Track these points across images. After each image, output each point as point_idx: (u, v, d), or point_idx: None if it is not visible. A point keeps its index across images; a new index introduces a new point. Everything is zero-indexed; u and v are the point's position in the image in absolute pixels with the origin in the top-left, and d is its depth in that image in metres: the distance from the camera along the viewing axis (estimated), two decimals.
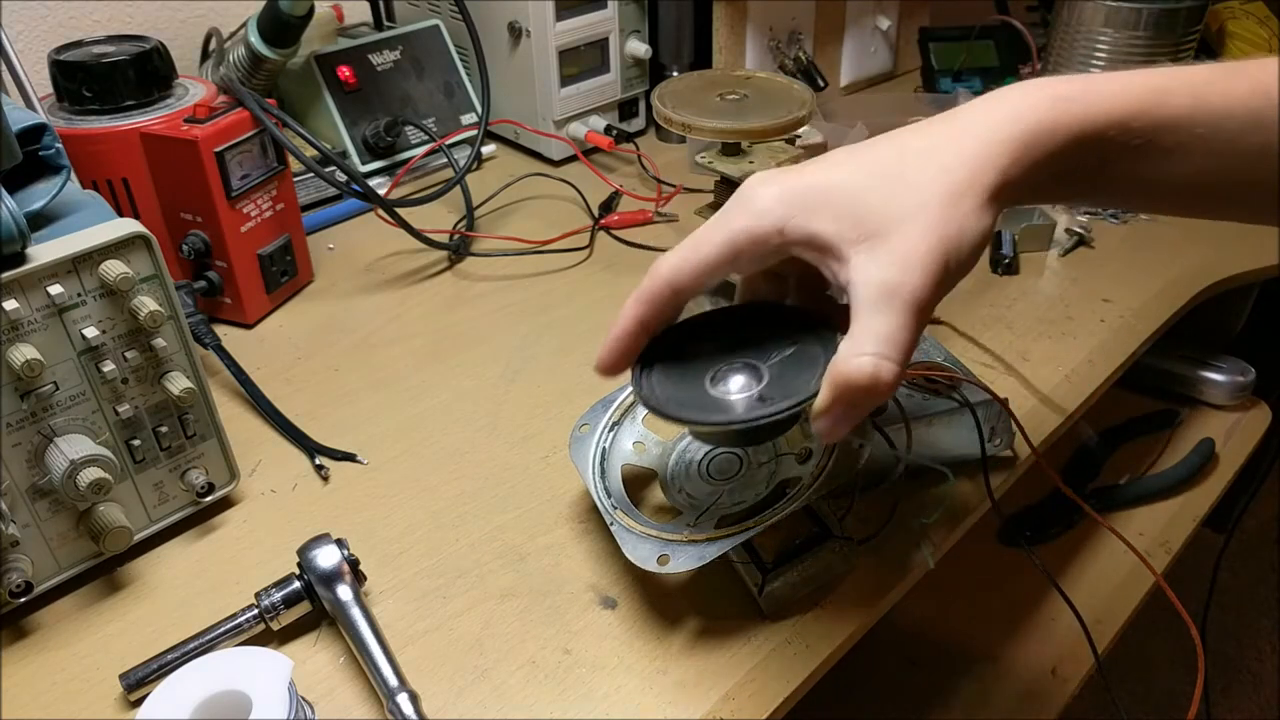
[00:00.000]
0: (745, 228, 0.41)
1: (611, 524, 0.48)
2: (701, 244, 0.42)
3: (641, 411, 0.55)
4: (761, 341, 0.45)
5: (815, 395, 0.39)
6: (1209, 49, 0.99)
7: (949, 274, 0.39)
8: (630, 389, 0.53)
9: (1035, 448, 0.54)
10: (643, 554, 0.46)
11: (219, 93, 0.70)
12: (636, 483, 0.52)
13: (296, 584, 0.48)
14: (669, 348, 0.46)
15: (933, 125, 0.41)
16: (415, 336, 0.73)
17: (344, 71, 0.91)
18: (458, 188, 0.85)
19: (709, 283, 0.43)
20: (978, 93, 1.10)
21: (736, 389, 0.43)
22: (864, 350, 0.37)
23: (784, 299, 0.47)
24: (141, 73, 0.67)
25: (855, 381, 0.37)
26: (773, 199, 0.40)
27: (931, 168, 0.39)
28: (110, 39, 0.70)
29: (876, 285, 0.38)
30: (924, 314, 0.38)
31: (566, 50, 0.93)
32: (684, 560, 0.45)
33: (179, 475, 0.54)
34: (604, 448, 0.53)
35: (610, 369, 0.45)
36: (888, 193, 0.39)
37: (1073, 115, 0.39)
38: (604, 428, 0.54)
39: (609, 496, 0.50)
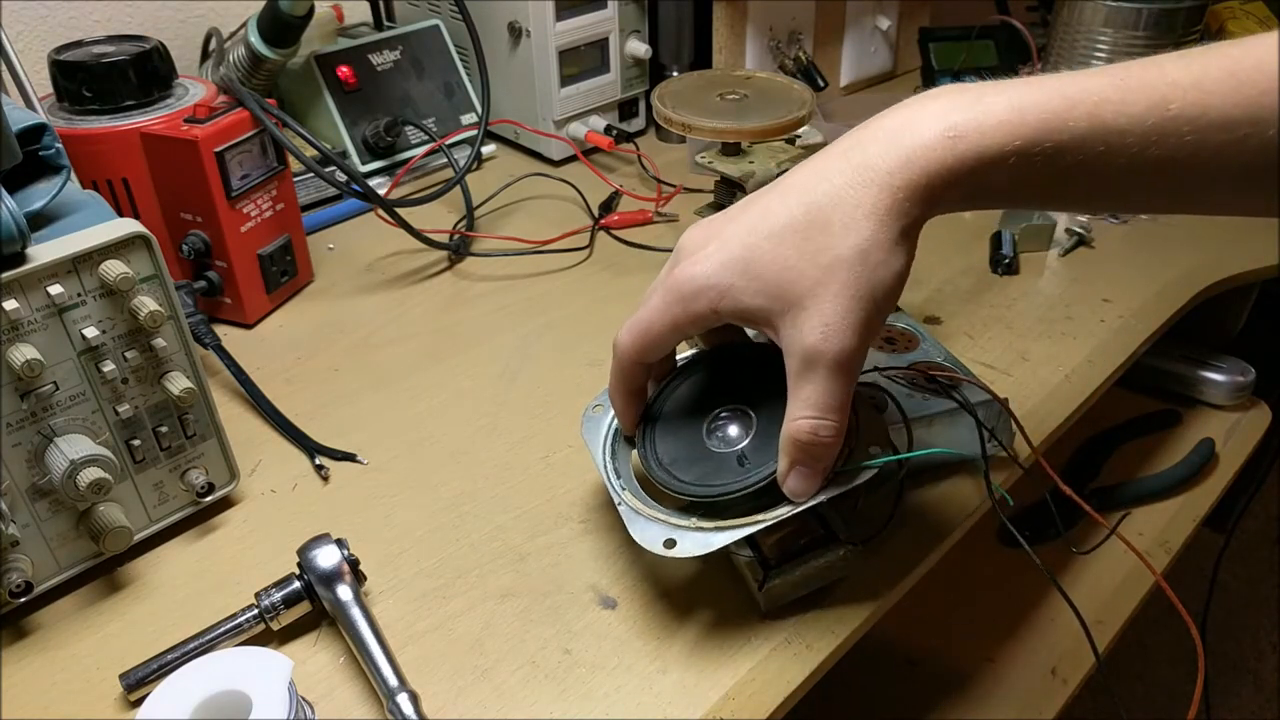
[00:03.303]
0: (684, 311, 0.44)
1: (619, 504, 0.48)
2: (650, 327, 0.46)
3: None
4: (761, 384, 0.48)
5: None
6: None
7: (871, 323, 0.41)
8: None
9: (1035, 448, 0.54)
10: (650, 537, 0.46)
11: (219, 93, 0.70)
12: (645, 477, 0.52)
13: (296, 584, 0.48)
14: (677, 387, 0.51)
15: (835, 168, 0.42)
16: (415, 336, 0.73)
17: (344, 71, 0.91)
18: (458, 188, 0.85)
19: (667, 351, 0.48)
20: None
21: (734, 437, 0.48)
22: (800, 415, 0.42)
23: None
24: (141, 73, 0.67)
25: (800, 441, 0.42)
26: (702, 282, 0.43)
27: (836, 226, 0.41)
28: (110, 39, 0.70)
29: (801, 354, 0.41)
30: (851, 368, 0.42)
31: (566, 50, 0.93)
32: (690, 545, 0.45)
33: (179, 475, 0.54)
34: (616, 428, 0.53)
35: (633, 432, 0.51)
36: (799, 261, 0.41)
37: (968, 152, 0.40)
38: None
39: (618, 477, 0.50)
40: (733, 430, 0.48)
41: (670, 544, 0.45)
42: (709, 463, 0.47)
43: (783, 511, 0.45)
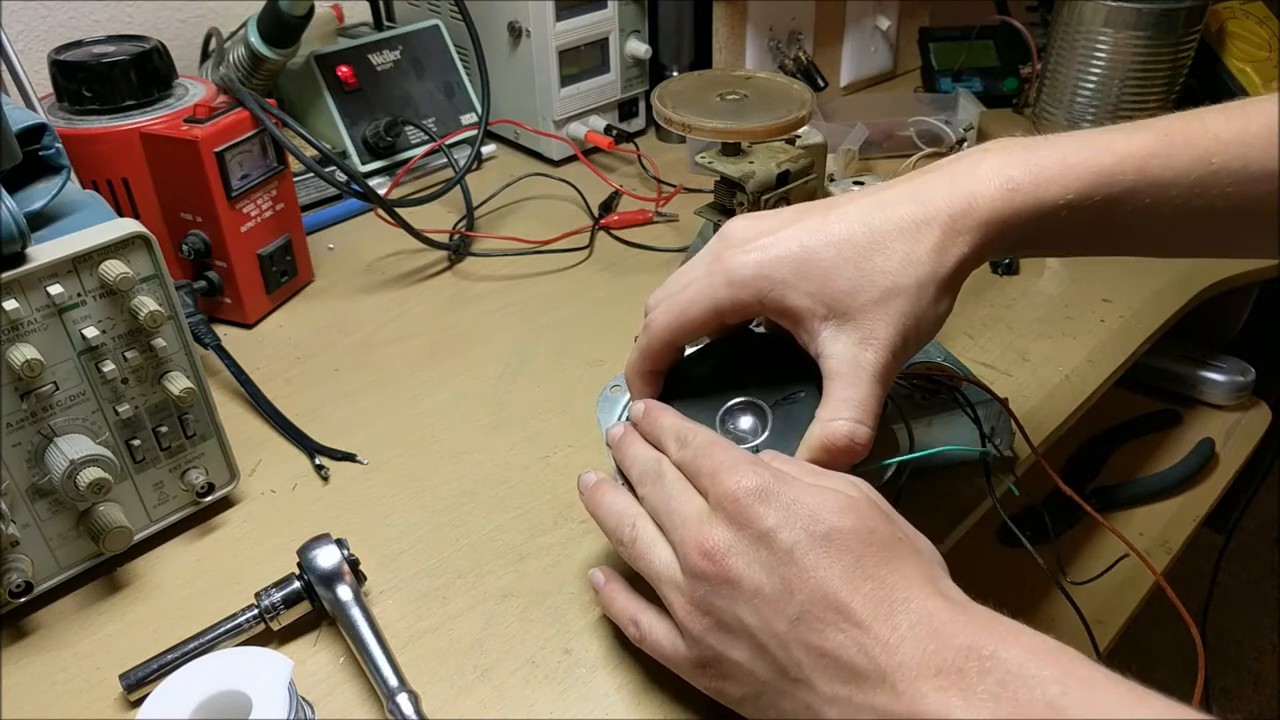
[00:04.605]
0: (729, 297, 0.44)
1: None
2: (689, 307, 0.45)
3: None
4: (773, 379, 0.48)
5: None
6: (1209, 49, 0.99)
7: (909, 349, 0.43)
8: None
9: (1035, 447, 0.54)
10: None
11: (219, 93, 0.70)
12: None
13: (296, 584, 0.48)
14: (689, 376, 0.50)
15: (898, 200, 0.43)
16: (415, 336, 0.73)
17: (344, 71, 0.91)
18: (458, 188, 0.85)
19: (700, 335, 0.48)
20: (978, 93, 1.10)
21: (747, 430, 0.47)
22: (841, 416, 0.42)
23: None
24: (141, 73, 0.67)
25: (834, 445, 0.42)
26: (753, 270, 0.43)
27: (897, 255, 0.42)
28: (110, 39, 0.70)
29: (847, 360, 0.42)
30: (887, 383, 0.43)
31: (566, 50, 0.93)
32: None
33: (179, 475, 0.54)
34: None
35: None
36: (856, 276, 0.42)
37: (1024, 204, 0.42)
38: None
39: None
40: (745, 423, 0.47)
41: None
42: None
43: None
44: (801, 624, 0.36)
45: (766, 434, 0.47)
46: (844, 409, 0.42)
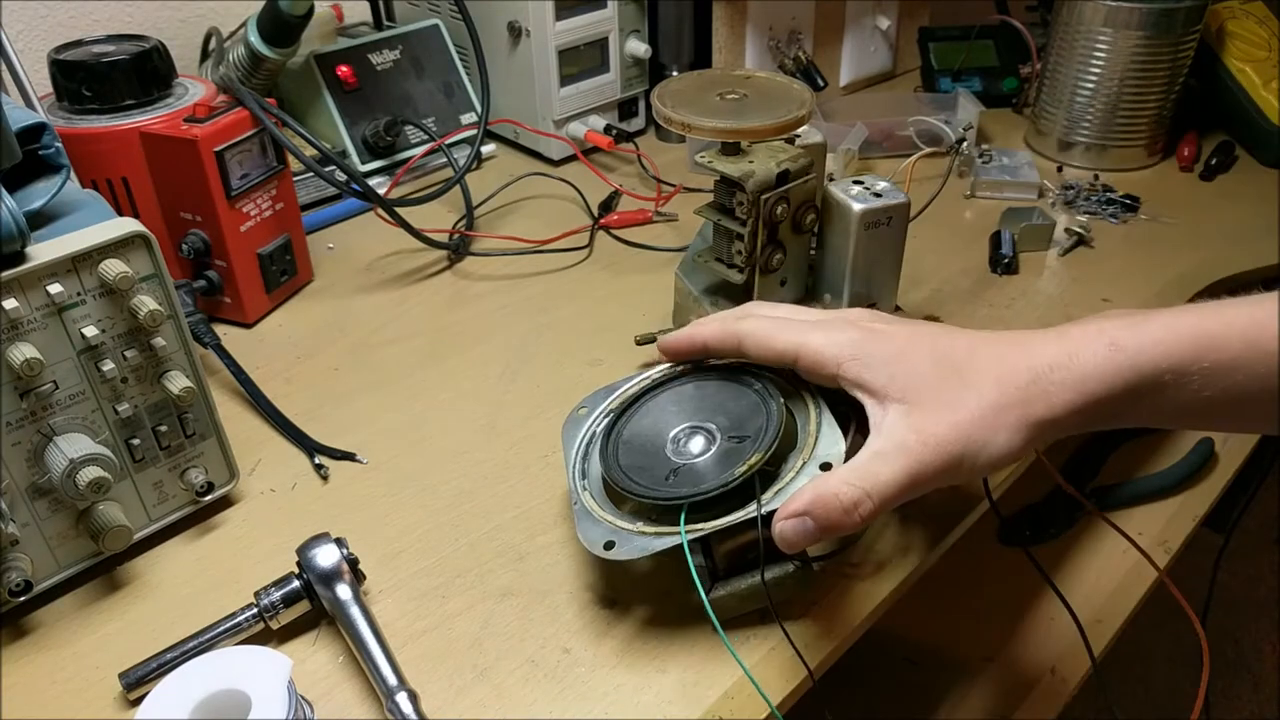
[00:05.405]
0: (814, 350, 0.46)
1: (575, 504, 0.49)
2: (776, 338, 0.48)
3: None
4: (727, 408, 0.50)
5: (736, 480, 0.45)
6: (1209, 49, 0.99)
7: (957, 469, 0.42)
8: (635, 379, 0.56)
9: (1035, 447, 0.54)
10: (593, 537, 0.47)
11: (219, 92, 0.70)
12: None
13: (296, 583, 0.48)
14: (652, 401, 0.53)
15: (1003, 342, 0.45)
16: (415, 336, 0.73)
17: (344, 71, 0.91)
18: (457, 187, 0.85)
19: (735, 357, 0.51)
20: (977, 93, 1.10)
21: (694, 453, 0.49)
22: (855, 483, 0.41)
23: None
24: (141, 72, 0.67)
25: (832, 503, 0.41)
26: (847, 342, 0.46)
27: (990, 375, 0.43)
28: (110, 39, 0.70)
29: (897, 439, 0.42)
30: (919, 485, 0.42)
31: (566, 50, 0.93)
32: (629, 549, 0.45)
33: (178, 474, 0.54)
34: (594, 432, 0.54)
35: (671, 354, 0.54)
36: (943, 378, 0.43)
37: (1127, 365, 0.41)
38: (600, 414, 0.55)
39: (584, 478, 0.51)
40: (695, 446, 0.49)
41: (609, 546, 0.46)
42: (662, 470, 0.48)
43: (719, 522, 0.45)
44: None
45: (709, 455, 0.48)
46: (866, 480, 0.41)
